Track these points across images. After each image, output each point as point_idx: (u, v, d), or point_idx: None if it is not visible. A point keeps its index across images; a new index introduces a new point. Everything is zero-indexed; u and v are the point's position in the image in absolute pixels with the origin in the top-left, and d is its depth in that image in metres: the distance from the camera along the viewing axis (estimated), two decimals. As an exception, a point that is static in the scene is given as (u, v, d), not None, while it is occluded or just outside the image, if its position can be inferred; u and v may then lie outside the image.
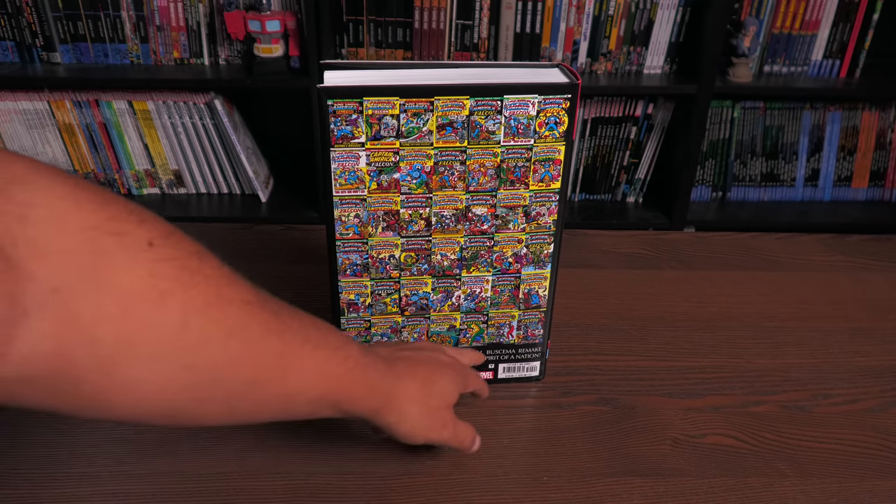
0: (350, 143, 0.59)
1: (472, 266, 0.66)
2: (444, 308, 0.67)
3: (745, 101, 1.88)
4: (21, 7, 1.69)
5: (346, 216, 0.62)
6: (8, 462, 0.62)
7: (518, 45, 1.76)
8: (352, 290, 0.65)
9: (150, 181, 1.86)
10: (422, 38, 1.75)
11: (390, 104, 0.57)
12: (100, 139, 1.79)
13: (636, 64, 1.81)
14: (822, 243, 1.00)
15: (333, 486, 0.61)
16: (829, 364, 0.77)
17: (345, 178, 0.60)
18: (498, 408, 0.69)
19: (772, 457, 0.65)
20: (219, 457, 0.63)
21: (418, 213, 0.62)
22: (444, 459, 0.64)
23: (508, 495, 0.60)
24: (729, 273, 0.93)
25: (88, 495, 0.59)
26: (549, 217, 0.64)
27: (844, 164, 1.96)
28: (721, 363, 0.77)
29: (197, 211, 1.83)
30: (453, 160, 0.60)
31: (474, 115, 0.59)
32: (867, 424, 0.69)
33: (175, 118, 1.78)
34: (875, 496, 0.62)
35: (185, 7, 1.72)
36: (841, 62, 1.86)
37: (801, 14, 1.79)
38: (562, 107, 0.59)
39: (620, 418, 0.69)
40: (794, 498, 0.61)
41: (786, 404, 0.71)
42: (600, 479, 0.62)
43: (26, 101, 1.74)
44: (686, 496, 0.61)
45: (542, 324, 0.70)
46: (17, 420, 0.66)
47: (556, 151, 0.61)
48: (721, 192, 1.97)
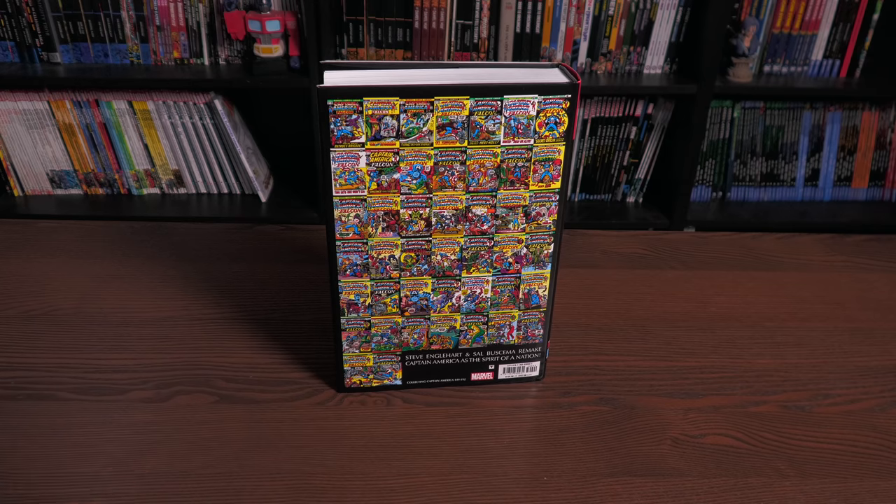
0: (350, 143, 0.59)
1: (472, 266, 0.66)
2: (445, 309, 0.67)
3: (745, 101, 1.88)
4: (21, 7, 1.68)
5: (346, 216, 0.62)
6: (8, 462, 0.62)
7: (518, 45, 1.76)
8: (352, 291, 0.65)
9: (150, 181, 1.86)
10: (422, 38, 1.75)
11: (390, 104, 0.57)
12: (100, 139, 1.79)
13: (636, 64, 1.81)
14: (822, 243, 1.00)
15: (333, 486, 0.61)
16: (829, 364, 0.77)
17: (345, 179, 0.60)
18: (498, 408, 0.69)
19: (772, 457, 0.65)
20: (219, 457, 0.63)
21: (418, 214, 0.62)
22: (445, 459, 0.64)
23: (508, 495, 0.60)
24: (729, 273, 0.93)
25: (88, 495, 0.59)
26: (549, 217, 0.64)
27: (844, 164, 1.96)
28: (721, 363, 0.77)
29: (197, 211, 1.83)
30: (453, 160, 0.60)
31: (474, 116, 0.59)
32: (867, 424, 0.69)
33: (175, 118, 1.77)
34: (875, 496, 0.62)
35: (185, 7, 1.72)
36: (841, 62, 1.86)
37: (801, 14, 1.79)
38: (562, 107, 0.59)
39: (620, 418, 0.69)
40: (794, 498, 0.61)
41: (786, 404, 0.71)
42: (600, 479, 0.62)
43: (26, 101, 1.73)
44: (686, 496, 0.61)
45: (542, 324, 0.70)
46: (18, 420, 0.66)
47: (556, 151, 0.61)
48: (721, 192, 1.97)
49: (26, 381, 0.71)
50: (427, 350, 0.69)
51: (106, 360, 0.74)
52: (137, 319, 0.80)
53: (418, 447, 0.65)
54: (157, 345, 0.76)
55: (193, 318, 0.81)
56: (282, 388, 0.71)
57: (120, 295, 0.84)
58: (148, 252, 0.92)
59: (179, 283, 0.86)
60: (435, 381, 0.71)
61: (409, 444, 0.65)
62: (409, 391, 0.71)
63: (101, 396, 0.69)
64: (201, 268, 0.89)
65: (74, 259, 0.91)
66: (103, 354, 0.75)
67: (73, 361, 0.74)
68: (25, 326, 0.79)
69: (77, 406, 0.68)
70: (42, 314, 0.81)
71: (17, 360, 0.74)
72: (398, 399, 0.70)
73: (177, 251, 0.92)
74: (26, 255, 0.91)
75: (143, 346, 0.76)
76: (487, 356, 0.70)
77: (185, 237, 0.95)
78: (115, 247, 0.94)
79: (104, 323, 0.80)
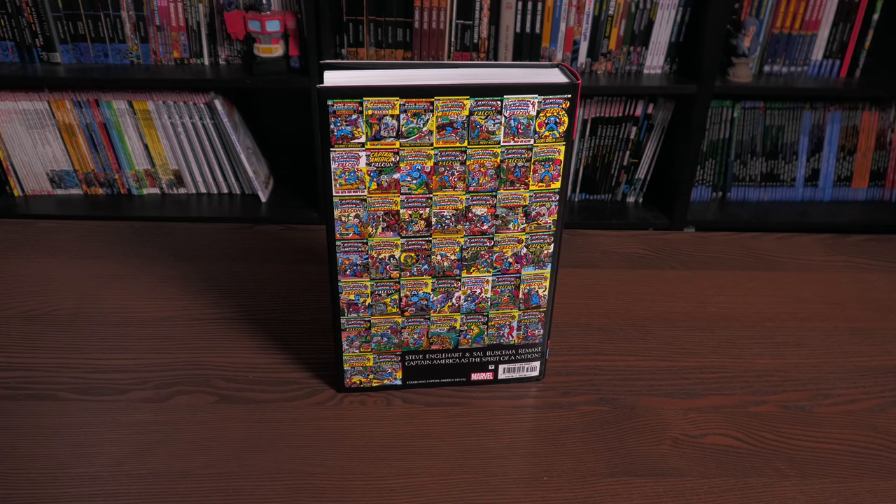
0: (350, 143, 0.59)
1: (472, 266, 0.66)
2: (445, 309, 0.67)
3: (745, 101, 1.88)
4: (21, 7, 1.68)
5: (346, 216, 0.62)
6: (8, 462, 0.62)
7: (518, 45, 1.76)
8: (352, 291, 0.65)
9: (150, 181, 1.85)
10: (422, 38, 1.75)
11: (390, 104, 0.57)
12: (100, 139, 1.79)
13: (636, 64, 1.81)
14: (821, 243, 1.00)
15: (333, 486, 0.61)
16: (829, 364, 0.77)
17: (345, 179, 0.60)
18: (498, 408, 0.69)
19: (772, 457, 0.65)
20: (219, 457, 0.63)
21: (418, 214, 0.62)
22: (445, 459, 0.64)
23: (508, 495, 0.60)
24: (729, 273, 0.93)
25: (88, 495, 0.59)
26: (549, 217, 0.64)
27: (844, 164, 1.96)
28: (721, 363, 0.77)
29: (197, 211, 1.83)
30: (453, 160, 0.60)
31: (474, 116, 0.59)
32: (867, 424, 0.69)
33: (175, 118, 1.77)
34: (875, 496, 0.62)
35: (185, 7, 1.72)
36: (841, 62, 1.86)
37: (801, 14, 1.79)
38: (562, 107, 0.59)
39: (620, 418, 0.69)
40: (794, 498, 0.61)
41: (786, 404, 0.71)
42: (600, 479, 0.62)
43: (26, 101, 1.73)
44: (686, 496, 0.61)
45: (542, 324, 0.70)
46: (18, 420, 0.66)
47: (555, 151, 0.61)
48: (721, 192, 1.97)
49: (26, 381, 0.71)
50: (427, 350, 0.69)
51: (106, 360, 0.74)
52: (137, 319, 0.80)
53: (418, 447, 0.65)
54: (157, 345, 0.76)
55: (193, 318, 0.81)
56: (282, 388, 0.71)
57: (120, 295, 0.84)
58: (148, 252, 0.92)
59: (179, 283, 0.86)
60: (435, 382, 0.71)
61: (409, 444, 0.65)
62: (409, 391, 0.71)
63: (101, 396, 0.69)
64: (201, 268, 0.89)
65: (74, 259, 0.91)
66: (103, 354, 0.75)
67: (73, 361, 0.74)
68: (25, 326, 0.79)
69: (77, 406, 0.68)
70: (42, 314, 0.81)
71: (17, 360, 0.74)
72: (398, 399, 0.70)
73: (177, 251, 0.92)
74: (26, 255, 0.91)
75: (143, 346, 0.76)
76: (487, 356, 0.70)
77: (185, 237, 0.95)
78: (115, 247, 0.94)
79: (104, 323, 0.80)
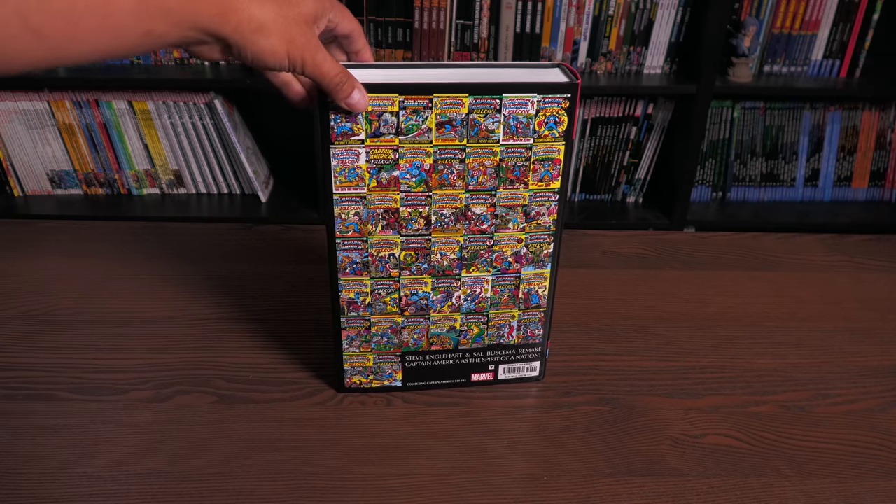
0: (350, 139, 0.59)
1: (471, 266, 0.66)
2: (444, 308, 0.67)
3: (745, 101, 1.88)
4: (21, 7, 1.68)
5: (345, 213, 0.62)
6: (8, 462, 0.62)
7: (518, 45, 1.76)
8: (352, 289, 0.65)
9: (150, 181, 1.85)
10: (422, 38, 1.75)
11: (389, 101, 0.57)
12: (100, 139, 1.79)
13: (636, 64, 1.81)
14: (821, 243, 1.00)
15: (333, 486, 0.61)
16: (829, 364, 0.77)
17: (344, 176, 0.60)
18: (498, 408, 0.69)
19: (772, 457, 0.65)
20: (219, 457, 0.63)
21: (418, 212, 0.62)
22: (444, 459, 0.64)
23: (508, 495, 0.60)
24: (729, 273, 0.93)
25: (88, 495, 0.59)
26: (548, 217, 0.64)
27: (844, 164, 1.96)
28: (721, 363, 0.77)
29: (197, 211, 1.83)
30: (453, 158, 0.60)
31: (473, 114, 0.59)
32: (867, 424, 0.69)
33: (175, 118, 1.77)
34: (875, 496, 0.62)
35: (185, 7, 1.72)
36: (841, 62, 1.86)
37: (801, 14, 1.79)
38: (561, 106, 0.59)
39: (620, 418, 0.69)
40: (794, 498, 0.61)
41: (786, 404, 0.71)
42: (600, 479, 0.62)
43: (26, 101, 1.73)
44: (686, 496, 0.61)
45: (542, 324, 0.70)
46: (18, 420, 0.66)
47: (555, 151, 0.61)
48: (721, 192, 1.97)
49: (26, 381, 0.71)
50: (427, 350, 0.69)
51: (106, 360, 0.74)
52: (137, 319, 0.80)
53: (418, 447, 0.65)
54: (156, 345, 0.76)
55: (193, 318, 0.81)
56: (282, 388, 0.71)
57: (120, 295, 0.84)
58: (148, 252, 0.92)
59: (179, 283, 0.86)
60: (435, 383, 0.71)
61: (409, 444, 0.65)
62: (409, 392, 0.71)
63: (101, 396, 0.69)
64: (201, 268, 0.89)
65: (74, 259, 0.91)
66: (103, 354, 0.75)
67: (73, 361, 0.74)
68: (25, 326, 0.79)
69: (77, 406, 0.68)
70: (42, 314, 0.81)
71: (17, 360, 0.74)
72: (398, 399, 0.70)
73: (177, 251, 0.92)
74: (26, 255, 0.91)
75: (143, 346, 0.76)
76: (487, 356, 0.70)
77: (185, 237, 0.95)
78: (115, 247, 0.94)
79: (104, 323, 0.80)
